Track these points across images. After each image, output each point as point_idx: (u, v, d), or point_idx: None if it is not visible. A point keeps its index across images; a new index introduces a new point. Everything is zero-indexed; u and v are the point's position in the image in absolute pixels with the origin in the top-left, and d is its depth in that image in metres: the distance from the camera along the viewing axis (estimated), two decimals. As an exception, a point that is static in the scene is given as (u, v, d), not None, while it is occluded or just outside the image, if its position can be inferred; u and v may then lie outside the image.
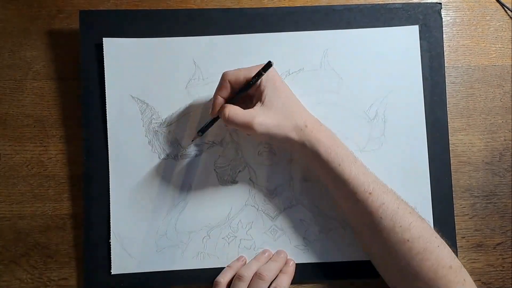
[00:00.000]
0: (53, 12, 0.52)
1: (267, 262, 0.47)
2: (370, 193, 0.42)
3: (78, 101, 0.50)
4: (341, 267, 0.49)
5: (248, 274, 0.45)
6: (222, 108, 0.44)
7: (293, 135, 0.43)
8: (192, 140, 0.49)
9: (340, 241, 0.49)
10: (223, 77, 0.44)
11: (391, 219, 0.41)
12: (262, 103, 0.43)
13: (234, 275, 0.46)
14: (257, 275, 0.45)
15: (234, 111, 0.43)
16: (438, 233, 0.43)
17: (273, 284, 0.45)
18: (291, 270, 0.47)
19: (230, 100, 0.45)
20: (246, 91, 0.44)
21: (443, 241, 0.42)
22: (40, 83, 0.51)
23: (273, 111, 0.43)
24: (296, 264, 0.49)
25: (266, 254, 0.48)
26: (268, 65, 0.42)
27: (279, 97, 0.43)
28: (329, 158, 0.43)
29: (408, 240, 0.41)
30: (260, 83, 0.43)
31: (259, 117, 0.43)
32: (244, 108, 0.44)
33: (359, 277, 0.49)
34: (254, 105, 0.44)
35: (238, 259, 0.48)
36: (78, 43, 0.50)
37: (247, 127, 0.43)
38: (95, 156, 0.49)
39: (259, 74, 0.43)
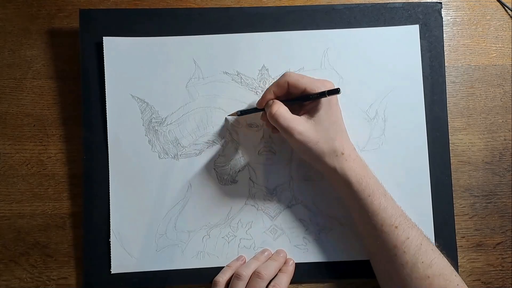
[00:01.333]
0: (53, 11, 0.52)
1: (266, 261, 0.47)
2: (396, 227, 0.42)
3: (78, 100, 0.50)
4: (341, 266, 0.49)
5: (246, 273, 0.45)
6: (272, 102, 0.44)
7: (327, 158, 0.43)
8: (229, 115, 0.49)
9: (339, 241, 0.49)
10: (285, 76, 0.44)
11: (414, 254, 0.41)
12: (311, 117, 0.43)
13: (233, 274, 0.46)
14: (255, 274, 0.45)
15: (282, 110, 0.43)
16: (458, 272, 0.43)
17: (272, 283, 0.45)
18: (290, 270, 0.47)
19: (280, 98, 0.45)
20: (301, 101, 0.44)
21: (462, 280, 0.42)
22: (40, 82, 0.51)
23: (317, 128, 0.43)
24: (296, 263, 0.49)
25: (266, 253, 0.48)
26: (336, 91, 0.41)
27: (328, 118, 0.43)
28: (360, 188, 0.43)
29: (429, 277, 0.41)
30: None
31: (302, 126, 0.43)
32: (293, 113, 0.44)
33: (359, 277, 0.49)
34: (303, 114, 0.44)
35: (237, 259, 0.48)
36: (78, 42, 0.50)
37: (287, 132, 0.43)
38: (95, 155, 0.49)
39: (322, 94, 0.42)
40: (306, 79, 0.43)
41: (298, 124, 0.43)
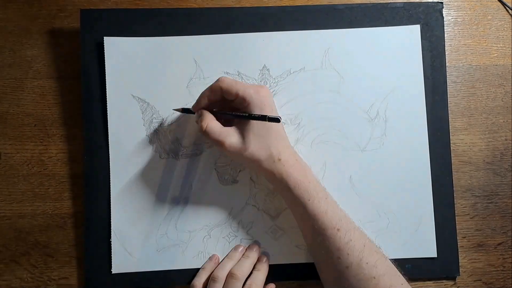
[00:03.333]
0: (53, 11, 0.51)
1: (240, 259, 0.47)
2: (338, 229, 0.42)
3: (78, 100, 0.50)
4: (342, 266, 0.49)
5: (222, 274, 0.45)
6: (202, 114, 0.44)
7: (265, 164, 0.43)
8: (174, 109, 0.49)
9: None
10: (218, 81, 0.43)
11: (358, 255, 0.41)
12: (244, 126, 0.43)
13: (209, 277, 0.46)
14: (230, 275, 0.45)
15: (211, 125, 0.43)
16: (401, 273, 0.43)
17: (248, 282, 0.45)
18: (265, 267, 0.47)
19: (215, 104, 0.45)
20: (234, 118, 0.44)
21: (405, 280, 0.43)
22: (41, 82, 0.51)
23: (250, 136, 0.43)
24: (296, 263, 0.49)
25: (239, 250, 0.48)
26: (276, 120, 0.40)
27: (262, 126, 0.43)
28: (299, 193, 0.43)
29: (374, 277, 0.41)
30: (248, 105, 0.43)
31: (233, 138, 0.43)
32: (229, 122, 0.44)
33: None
34: (235, 124, 0.44)
35: (210, 259, 0.48)
36: (78, 42, 0.50)
37: (218, 145, 0.43)
38: (95, 155, 0.49)
39: (262, 117, 0.41)
40: (239, 85, 0.43)
41: (228, 136, 0.43)
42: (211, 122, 0.43)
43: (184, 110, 0.48)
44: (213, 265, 0.47)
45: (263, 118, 0.41)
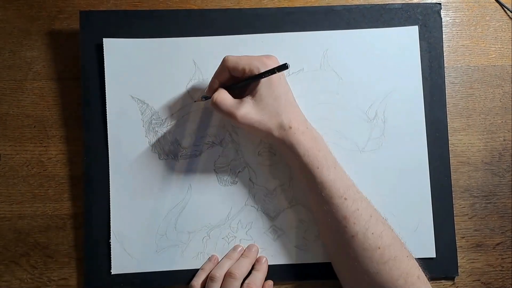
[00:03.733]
0: (53, 13, 0.52)
1: (238, 259, 0.47)
2: (345, 198, 0.42)
3: (78, 102, 0.50)
4: (341, 267, 0.49)
5: (220, 274, 0.45)
6: (216, 90, 0.44)
7: (275, 133, 0.43)
8: (195, 101, 0.49)
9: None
10: (223, 62, 0.44)
11: (364, 225, 0.42)
12: (253, 97, 0.44)
13: (207, 277, 0.46)
14: (228, 274, 0.45)
15: (222, 97, 0.43)
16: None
17: (246, 282, 0.45)
18: (264, 267, 0.47)
19: (226, 84, 0.45)
20: (246, 83, 0.44)
21: (410, 253, 0.43)
22: (40, 83, 0.51)
23: (260, 106, 0.43)
24: (296, 264, 0.49)
25: (238, 250, 0.48)
26: (284, 67, 0.40)
27: (271, 94, 0.43)
28: (308, 160, 0.43)
29: (379, 248, 0.41)
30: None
31: (244, 109, 0.43)
32: (237, 94, 0.44)
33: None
34: (246, 95, 0.44)
35: (210, 260, 0.48)
36: (78, 44, 0.50)
37: (230, 117, 0.43)
38: (95, 156, 0.49)
39: (271, 71, 0.41)
40: (244, 60, 0.43)
41: (239, 107, 0.43)
42: (222, 95, 0.44)
43: (204, 98, 0.47)
44: (211, 266, 0.47)
45: (272, 71, 0.41)
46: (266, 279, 0.48)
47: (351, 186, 0.44)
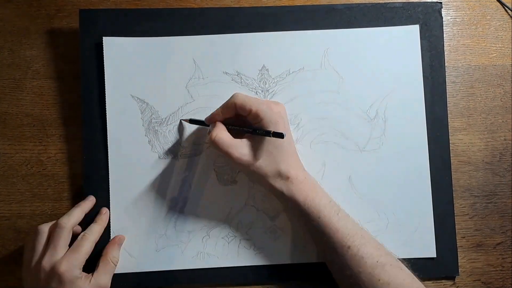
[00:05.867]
0: (52, 11, 0.51)
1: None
2: (349, 247, 0.42)
3: (78, 101, 0.50)
4: (341, 266, 0.49)
5: (46, 227, 0.44)
6: (214, 125, 0.44)
7: (272, 180, 0.43)
8: (182, 119, 0.49)
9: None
10: (232, 97, 0.44)
11: (370, 273, 0.41)
12: (254, 140, 0.43)
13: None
14: (55, 224, 0.44)
15: (221, 136, 0.43)
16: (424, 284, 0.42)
17: (82, 233, 0.45)
18: (103, 219, 0.47)
19: (229, 120, 0.45)
20: (242, 131, 0.44)
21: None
22: (40, 82, 0.51)
23: (259, 151, 0.43)
24: (296, 264, 0.48)
25: (90, 199, 0.48)
26: (280, 135, 0.40)
27: (272, 142, 0.43)
28: (309, 210, 0.43)
29: None
30: (261, 120, 0.42)
31: (242, 150, 0.43)
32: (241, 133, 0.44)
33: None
34: (246, 137, 0.44)
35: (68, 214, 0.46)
36: (77, 42, 0.50)
37: (227, 156, 0.43)
38: (94, 155, 0.49)
39: (266, 133, 0.42)
40: (253, 101, 0.43)
41: (237, 148, 0.43)
42: (221, 133, 0.43)
43: (192, 121, 0.48)
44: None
45: (267, 133, 0.42)
46: (267, 276, 0.47)
47: (356, 232, 0.43)
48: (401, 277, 0.41)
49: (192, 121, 0.48)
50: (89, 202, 0.47)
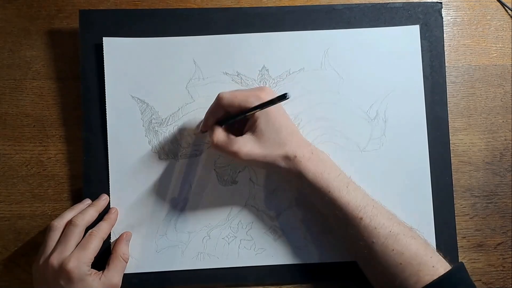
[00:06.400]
0: (52, 12, 0.51)
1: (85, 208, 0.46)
2: (361, 218, 0.42)
3: (78, 101, 0.50)
4: (342, 267, 0.49)
5: (59, 223, 0.44)
6: (212, 129, 0.44)
7: (281, 164, 0.43)
8: (195, 133, 0.49)
9: (340, 242, 0.49)
10: (218, 100, 0.43)
11: (384, 242, 0.41)
12: (253, 132, 0.43)
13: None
14: (69, 222, 0.44)
15: (221, 139, 0.43)
16: (439, 252, 0.42)
17: (90, 231, 0.45)
18: (112, 218, 0.47)
19: (222, 119, 0.45)
20: (242, 117, 0.43)
21: (439, 258, 0.41)
22: (40, 82, 0.51)
23: (262, 141, 0.43)
24: (297, 264, 0.48)
25: (86, 202, 0.48)
26: (283, 97, 0.38)
27: (271, 127, 0.43)
28: (318, 185, 0.43)
29: (400, 264, 0.41)
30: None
31: (246, 146, 0.43)
32: (235, 127, 0.44)
33: (359, 278, 0.49)
34: (246, 131, 0.44)
35: (72, 208, 0.47)
36: (78, 43, 0.50)
37: (234, 157, 0.43)
38: (94, 156, 0.49)
39: (270, 102, 0.40)
40: (239, 97, 0.42)
41: (241, 145, 0.42)
42: (220, 137, 0.43)
43: (221, 123, 0.45)
44: (73, 213, 0.46)
45: (271, 102, 0.40)
46: (269, 276, 0.47)
47: (367, 203, 0.43)
48: (414, 247, 0.41)
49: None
50: (103, 201, 0.47)
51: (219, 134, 0.43)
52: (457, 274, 0.41)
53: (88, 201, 0.48)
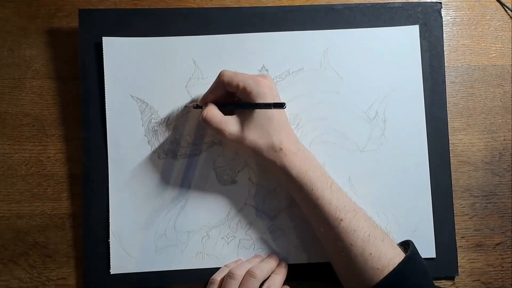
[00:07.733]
0: (52, 11, 0.51)
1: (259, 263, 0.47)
2: (341, 220, 0.42)
3: (77, 101, 0.50)
4: (341, 267, 0.49)
5: (239, 272, 0.45)
6: (206, 105, 0.44)
7: (266, 153, 0.43)
8: (186, 105, 0.49)
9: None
10: (219, 76, 0.44)
11: (362, 246, 0.41)
12: (244, 115, 0.43)
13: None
14: (248, 273, 0.44)
15: (212, 114, 0.43)
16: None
17: (265, 284, 0.45)
18: (283, 271, 0.47)
19: (220, 99, 0.45)
20: (238, 108, 0.44)
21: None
22: (39, 82, 0.51)
23: (251, 125, 0.43)
24: (296, 264, 0.48)
25: (258, 257, 0.48)
26: (280, 105, 0.39)
27: (264, 114, 0.43)
28: (302, 182, 0.43)
29: (378, 268, 0.41)
30: (249, 94, 0.42)
31: (233, 126, 0.43)
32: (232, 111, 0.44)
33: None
34: (238, 113, 0.44)
35: (236, 261, 0.48)
36: (77, 42, 0.50)
37: (219, 133, 0.43)
38: (94, 155, 0.49)
39: (267, 105, 0.41)
40: (240, 77, 0.43)
41: (229, 125, 0.43)
42: (211, 111, 0.43)
43: (196, 105, 0.47)
44: (235, 265, 0.47)
45: (268, 106, 0.41)
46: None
47: (348, 205, 0.43)
48: (391, 253, 0.42)
49: (197, 107, 0.47)
50: (275, 261, 0.48)
51: (212, 110, 0.44)
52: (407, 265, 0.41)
53: (260, 257, 0.48)
